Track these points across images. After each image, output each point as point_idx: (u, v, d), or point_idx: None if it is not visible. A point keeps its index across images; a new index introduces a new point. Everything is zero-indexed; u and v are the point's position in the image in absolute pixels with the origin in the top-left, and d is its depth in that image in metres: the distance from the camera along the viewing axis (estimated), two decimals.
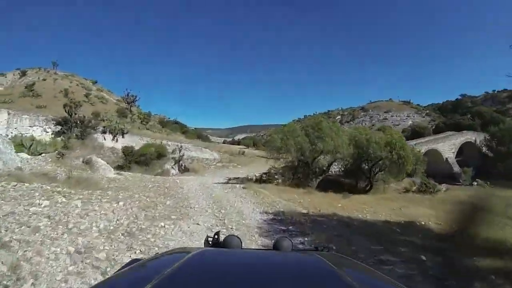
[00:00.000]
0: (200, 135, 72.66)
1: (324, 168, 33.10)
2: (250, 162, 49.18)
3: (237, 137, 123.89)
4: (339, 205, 19.63)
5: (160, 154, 45.85)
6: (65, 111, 48.64)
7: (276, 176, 34.72)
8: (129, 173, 34.70)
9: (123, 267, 1.80)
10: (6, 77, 78.74)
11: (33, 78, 74.96)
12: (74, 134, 46.75)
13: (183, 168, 44.15)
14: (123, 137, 50.00)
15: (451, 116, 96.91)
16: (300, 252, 2.38)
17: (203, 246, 2.43)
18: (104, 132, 49.78)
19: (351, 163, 32.53)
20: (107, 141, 48.58)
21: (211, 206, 15.70)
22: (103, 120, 52.36)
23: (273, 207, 16.69)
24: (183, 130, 68.23)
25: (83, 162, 31.02)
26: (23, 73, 79.75)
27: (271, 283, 1.40)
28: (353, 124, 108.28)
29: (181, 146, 46.98)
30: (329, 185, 32.09)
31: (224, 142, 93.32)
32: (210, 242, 2.55)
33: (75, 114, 49.64)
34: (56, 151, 33.81)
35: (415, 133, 77.52)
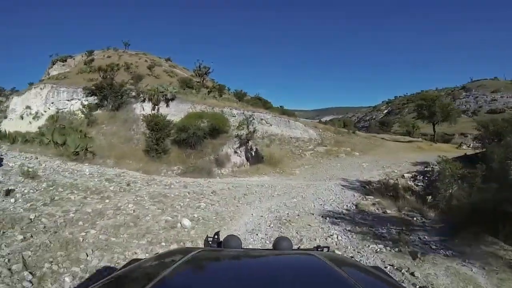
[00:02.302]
0: (285, 113, 46.50)
1: None
2: (370, 146, 23.19)
3: (324, 119, 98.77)
4: None
5: (216, 128, 23.28)
6: (100, 76, 33.50)
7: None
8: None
9: (123, 267, 1.64)
10: (74, 59, 63.36)
11: (98, 57, 58.76)
12: (110, 106, 29.61)
13: (253, 154, 21.41)
14: (167, 105, 29.16)
15: None
16: (300, 252, 2.16)
17: (204, 246, 2.32)
18: (143, 100, 29.81)
19: None
20: (146, 111, 28.16)
21: None
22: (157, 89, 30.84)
23: None
24: (267, 106, 42.85)
25: None
26: (90, 53, 64.15)
27: (271, 282, 1.24)
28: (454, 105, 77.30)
29: (251, 116, 21.90)
30: None
31: None
32: (210, 242, 2.32)
33: (106, 78, 32.49)
34: None
35: None
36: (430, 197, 11.42)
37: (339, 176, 16.04)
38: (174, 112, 27.08)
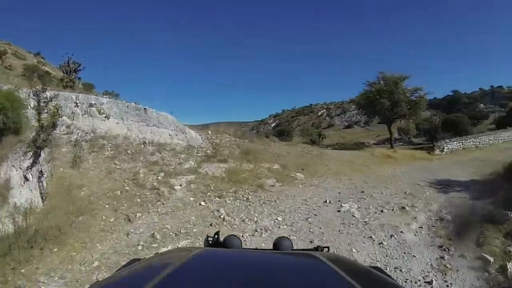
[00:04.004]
0: None
1: None
2: (312, 159, 11.62)
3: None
4: None
5: None
6: None
7: None
8: None
9: (123, 267, 1.36)
10: None
11: None
12: None
13: (43, 188, 7.24)
14: None
15: (456, 111, 62.71)
16: (300, 252, 1.74)
17: (203, 246, 1.76)
18: None
19: None
20: None
21: None
22: None
23: None
24: None
25: None
26: None
27: (271, 283, 1.05)
28: (344, 117, 72.40)
29: (43, 89, 7.34)
30: None
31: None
32: (210, 242, 1.81)
33: None
34: None
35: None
36: None
37: None
38: None
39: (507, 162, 11.68)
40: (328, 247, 1.83)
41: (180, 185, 7.61)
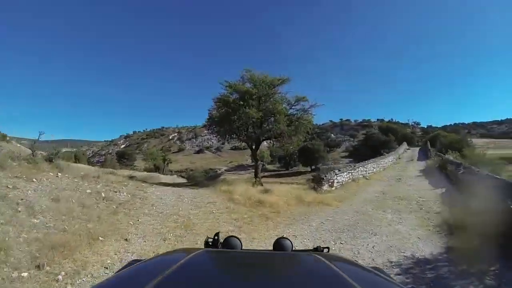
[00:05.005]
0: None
1: None
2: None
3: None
4: None
5: None
6: None
7: None
8: None
9: (123, 267, 1.43)
10: None
11: None
12: None
13: None
14: None
15: (310, 139, 68.04)
16: (300, 253, 1.89)
17: (203, 247, 1.86)
18: None
19: None
20: None
21: None
22: None
23: None
24: None
25: None
26: None
27: (271, 283, 1.12)
28: (196, 142, 75.21)
29: None
30: None
31: None
32: (210, 243, 1.96)
33: None
34: None
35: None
36: None
37: None
38: None
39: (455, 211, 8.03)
40: (328, 248, 1.88)
41: None
